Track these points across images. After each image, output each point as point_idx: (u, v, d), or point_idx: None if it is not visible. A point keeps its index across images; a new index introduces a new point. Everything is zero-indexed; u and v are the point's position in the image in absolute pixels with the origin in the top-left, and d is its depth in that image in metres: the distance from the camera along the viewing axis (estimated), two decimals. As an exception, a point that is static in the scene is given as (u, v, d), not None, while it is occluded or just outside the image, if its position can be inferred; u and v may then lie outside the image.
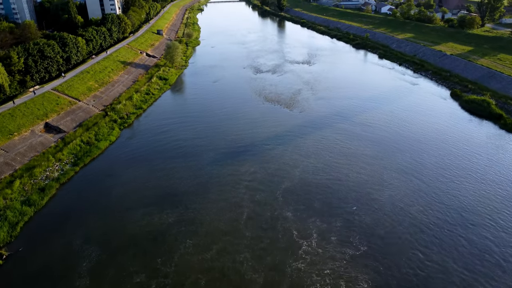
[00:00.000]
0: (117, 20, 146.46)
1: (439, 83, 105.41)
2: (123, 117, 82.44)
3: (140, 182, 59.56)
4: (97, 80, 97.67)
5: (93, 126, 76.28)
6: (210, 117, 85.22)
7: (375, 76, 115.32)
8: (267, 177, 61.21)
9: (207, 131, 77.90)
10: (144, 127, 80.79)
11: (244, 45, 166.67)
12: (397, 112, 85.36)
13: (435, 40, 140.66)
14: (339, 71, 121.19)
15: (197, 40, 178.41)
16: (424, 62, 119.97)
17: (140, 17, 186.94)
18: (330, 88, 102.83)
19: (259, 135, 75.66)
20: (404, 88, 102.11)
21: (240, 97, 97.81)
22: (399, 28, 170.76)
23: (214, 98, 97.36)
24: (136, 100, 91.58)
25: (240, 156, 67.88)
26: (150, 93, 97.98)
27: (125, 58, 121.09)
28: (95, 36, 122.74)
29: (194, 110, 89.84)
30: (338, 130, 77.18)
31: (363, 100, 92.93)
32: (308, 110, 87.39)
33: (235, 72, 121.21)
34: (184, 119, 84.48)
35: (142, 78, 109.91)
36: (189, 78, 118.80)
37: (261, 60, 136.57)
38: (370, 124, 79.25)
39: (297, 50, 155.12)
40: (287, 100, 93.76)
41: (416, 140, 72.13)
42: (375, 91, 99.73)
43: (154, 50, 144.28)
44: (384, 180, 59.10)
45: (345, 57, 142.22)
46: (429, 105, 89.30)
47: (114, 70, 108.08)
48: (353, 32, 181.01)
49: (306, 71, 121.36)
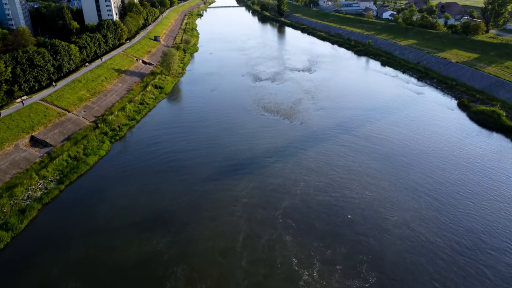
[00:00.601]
0: (113, 27, 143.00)
1: (445, 92, 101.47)
2: (114, 129, 78.43)
3: (130, 202, 55.47)
4: (89, 89, 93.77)
5: (82, 139, 72.26)
6: (206, 128, 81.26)
7: (378, 84, 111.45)
8: (266, 195, 57.26)
9: (203, 144, 73.94)
10: (137, 140, 76.75)
11: (243, 52, 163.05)
12: (402, 123, 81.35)
13: (439, 47, 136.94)
14: (341, 79, 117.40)
15: (195, 46, 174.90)
16: (429, 70, 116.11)
17: (138, 23, 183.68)
18: (331, 97, 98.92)
19: (258, 148, 71.70)
20: (409, 97, 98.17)
21: (238, 106, 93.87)
22: (401, 34, 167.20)
23: (211, 108, 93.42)
24: (129, 111, 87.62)
25: (237, 170, 63.90)
26: (144, 103, 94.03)
27: (120, 66, 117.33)
28: (89, 43, 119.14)
29: (190, 120, 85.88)
30: (341, 142, 73.17)
31: (367, 110, 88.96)
32: (309, 121, 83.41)
33: (234, 80, 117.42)
34: (179, 130, 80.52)
35: (137, 87, 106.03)
36: (186, 86, 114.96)
37: (261, 68, 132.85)
38: (374, 136, 75.20)
39: (297, 57, 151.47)
40: (287, 110, 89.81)
41: (425, 153, 68.08)
42: (378, 101, 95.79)
43: (150, 57, 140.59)
44: (392, 198, 55.00)
45: (346, 64, 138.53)
46: (435, 116, 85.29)
47: (107, 78, 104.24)
48: (355, 38, 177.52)
49: (306, 79, 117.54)
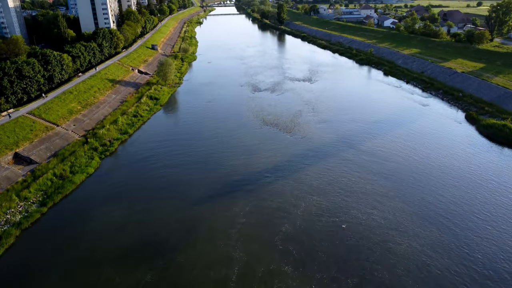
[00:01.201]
0: (109, 35, 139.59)
1: (452, 103, 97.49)
2: (105, 144, 74.36)
3: (116, 226, 51.26)
4: (80, 101, 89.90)
5: (70, 155, 68.16)
6: (202, 144, 77.22)
7: (382, 95, 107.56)
8: (265, 217, 53.18)
9: (198, 161, 69.83)
10: (128, 156, 72.64)
11: (242, 61, 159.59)
12: (408, 138, 77.28)
13: (443, 56, 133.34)
14: (343, 90, 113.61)
15: (193, 55, 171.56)
16: (433, 80, 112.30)
17: (135, 31, 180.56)
18: (333, 109, 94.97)
19: (256, 166, 67.58)
20: (414, 110, 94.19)
21: (236, 119, 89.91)
22: (404, 43, 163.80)
23: (207, 121, 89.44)
24: (121, 124, 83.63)
25: (234, 191, 59.73)
26: (138, 115, 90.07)
27: (114, 76, 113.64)
28: (83, 52, 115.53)
29: (185, 134, 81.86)
30: (344, 159, 69.04)
31: (370, 124, 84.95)
32: (310, 135, 79.35)
33: (232, 91, 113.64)
34: (173, 144, 76.48)
35: (131, 98, 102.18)
36: (182, 97, 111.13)
37: (260, 77, 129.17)
38: (379, 152, 71.09)
39: (298, 66, 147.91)
40: (287, 123, 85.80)
41: (434, 170, 63.98)
42: (382, 113, 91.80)
43: (147, 66, 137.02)
44: (402, 222, 50.76)
45: (348, 74, 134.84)
46: (443, 130, 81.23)
47: (101, 89, 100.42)
48: (356, 47, 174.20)
49: (307, 89, 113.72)
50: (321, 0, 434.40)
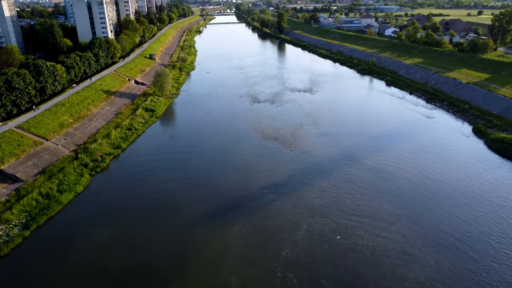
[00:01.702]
0: (106, 45, 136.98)
1: (458, 116, 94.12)
2: (96, 159, 70.87)
3: (103, 251, 47.67)
4: (72, 113, 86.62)
5: (58, 172, 64.68)
6: (198, 158, 73.83)
7: (385, 107, 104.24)
8: (263, 241, 49.68)
9: (193, 177, 66.35)
10: (119, 172, 69.11)
11: (242, 70, 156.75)
12: (415, 152, 73.81)
13: (447, 66, 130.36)
14: (344, 101, 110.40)
15: (192, 64, 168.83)
16: (438, 91, 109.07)
17: (133, 40, 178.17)
18: (335, 122, 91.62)
19: (255, 182, 64.12)
20: (419, 122, 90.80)
21: (235, 132, 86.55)
22: (406, 52, 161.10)
23: (204, 134, 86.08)
24: (114, 138, 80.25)
25: (231, 211, 56.17)
26: (132, 128, 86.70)
27: (110, 87, 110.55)
28: (78, 62, 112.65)
29: (181, 148, 78.44)
30: (348, 176, 65.52)
31: (374, 137, 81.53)
32: (311, 150, 75.88)
33: (231, 102, 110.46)
34: (167, 160, 73.02)
35: (126, 110, 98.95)
36: (179, 108, 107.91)
37: (259, 88, 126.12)
38: (385, 167, 67.57)
39: (298, 76, 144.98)
40: (287, 137, 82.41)
41: (444, 187, 60.53)
42: (386, 126, 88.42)
43: (144, 76, 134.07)
44: (411, 248, 47.06)
45: (349, 84, 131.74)
46: (450, 144, 77.77)
47: (94, 101, 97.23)
48: (357, 56, 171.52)
49: (307, 100, 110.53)
50: (321, 9, 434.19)
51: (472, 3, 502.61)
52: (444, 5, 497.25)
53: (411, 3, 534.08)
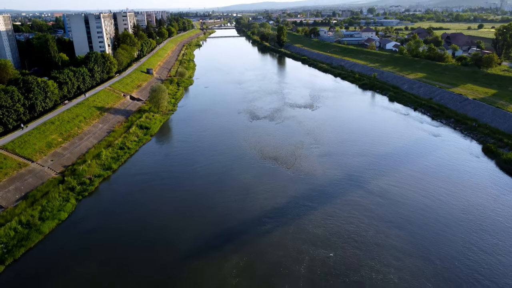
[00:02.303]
0: (101, 59, 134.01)
1: (465, 134, 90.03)
2: (84, 182, 66.61)
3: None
4: (62, 132, 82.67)
5: (42, 197, 60.37)
6: (193, 180, 69.60)
7: (389, 124, 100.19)
8: (262, 277, 45.38)
9: (187, 202, 62.11)
10: (108, 196, 64.75)
11: (241, 85, 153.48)
12: (423, 173, 69.51)
13: (451, 81, 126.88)
14: (346, 118, 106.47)
15: (190, 79, 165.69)
16: (443, 108, 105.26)
17: (131, 54, 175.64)
18: (337, 140, 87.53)
19: (253, 208, 59.75)
20: (426, 141, 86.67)
21: (232, 151, 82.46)
22: (408, 67, 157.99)
23: (201, 153, 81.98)
24: (105, 158, 76.10)
25: (226, 242, 51.72)
26: (125, 148, 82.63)
27: (104, 103, 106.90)
28: (72, 78, 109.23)
29: (175, 170, 74.22)
30: (352, 200, 61.18)
31: (379, 158, 77.34)
32: (312, 172, 71.61)
33: (229, 119, 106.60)
34: (160, 182, 68.77)
35: (120, 127, 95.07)
36: (175, 126, 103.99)
37: (258, 103, 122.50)
38: (391, 191, 63.21)
39: (298, 91, 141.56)
40: (287, 157, 78.29)
41: (457, 213, 56.21)
42: (391, 145, 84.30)
43: (140, 92, 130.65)
44: (427, 284, 42.35)
45: (351, 100, 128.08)
46: (460, 165, 73.53)
47: (86, 118, 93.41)
48: (358, 71, 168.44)
49: (308, 117, 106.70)
50: (321, 23, 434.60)
51: (471, 17, 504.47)
52: (444, 18, 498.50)
53: (411, 16, 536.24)
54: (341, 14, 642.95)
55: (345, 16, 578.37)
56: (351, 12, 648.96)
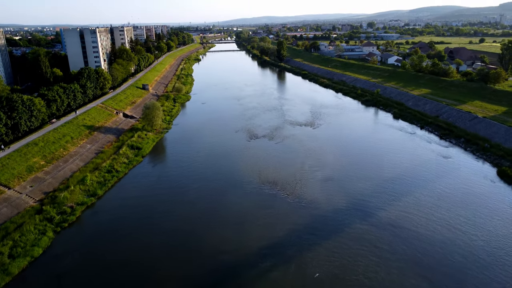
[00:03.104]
0: (95, 75, 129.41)
1: (477, 155, 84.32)
2: (64, 211, 60.80)
3: None
4: (46, 154, 77.16)
5: (15, 230, 54.48)
6: (184, 208, 63.80)
7: (395, 144, 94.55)
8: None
9: (177, 233, 56.45)
10: (89, 228, 58.80)
11: (239, 101, 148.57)
12: (436, 200, 63.63)
13: (458, 98, 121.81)
14: (350, 137, 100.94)
15: (187, 95, 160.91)
16: (452, 126, 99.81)
17: (127, 69, 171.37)
18: (340, 163, 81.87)
19: (249, 242, 53.95)
20: (436, 163, 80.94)
21: (228, 175, 76.80)
22: (412, 82, 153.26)
23: (194, 177, 76.28)
24: (90, 183, 70.39)
25: (219, 284, 45.62)
26: (113, 171, 77.01)
27: (94, 121, 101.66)
28: (61, 95, 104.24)
29: (165, 196, 68.39)
30: (359, 232, 55.27)
31: (386, 182, 71.56)
32: (314, 199, 65.76)
33: (226, 138, 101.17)
34: (148, 211, 62.96)
35: (109, 148, 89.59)
36: (169, 145, 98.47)
37: (257, 121, 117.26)
38: (403, 222, 57.26)
39: (298, 107, 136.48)
40: (287, 181, 72.55)
41: (484, 247, 50.57)
42: (399, 168, 78.57)
43: (134, 109, 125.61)
44: None
45: (354, 117, 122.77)
46: (475, 190, 67.69)
47: (74, 138, 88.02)
48: (360, 86, 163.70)
49: (309, 136, 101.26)
50: (321, 37, 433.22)
51: (471, 31, 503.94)
52: (444, 33, 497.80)
53: (411, 31, 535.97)
54: (341, 28, 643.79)
55: (345, 30, 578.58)
56: (351, 26, 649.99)
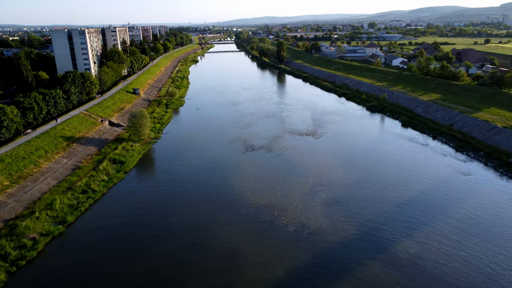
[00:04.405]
0: (80, 79, 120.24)
1: (501, 172, 74.94)
2: (24, 245, 51.58)
3: None
4: (12, 173, 67.90)
5: (-42, 272, 45.24)
6: (165, 241, 54.56)
7: (406, 158, 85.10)
8: None
9: (155, 273, 46.96)
10: (51, 267, 49.49)
11: (236, 107, 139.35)
12: (462, 231, 54.29)
13: (472, 104, 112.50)
14: (356, 149, 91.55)
15: (181, 99, 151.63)
16: (468, 137, 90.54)
17: (118, 72, 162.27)
18: (346, 181, 72.55)
19: (240, 285, 44.61)
20: (455, 182, 71.58)
21: (220, 197, 67.55)
22: (420, 86, 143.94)
23: (179, 199, 67.09)
24: (60, 207, 61.17)
25: None
26: (89, 191, 67.78)
27: (74, 132, 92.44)
28: (40, 102, 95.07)
29: (145, 225, 59.09)
30: (372, 273, 46.16)
31: (401, 206, 62.27)
32: (318, 228, 56.48)
33: (219, 149, 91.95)
34: (124, 241, 53.88)
35: (89, 162, 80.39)
36: (156, 158, 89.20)
37: (254, 129, 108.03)
38: (427, 258, 48.01)
39: (299, 113, 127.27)
40: (286, 205, 63.33)
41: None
42: (414, 188, 69.20)
43: (121, 116, 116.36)
44: None
45: (359, 125, 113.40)
46: (506, 216, 58.34)
47: (49, 152, 78.82)
48: (365, 90, 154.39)
49: (311, 147, 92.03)
50: (322, 38, 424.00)
51: (475, 31, 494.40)
52: (447, 33, 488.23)
53: (413, 31, 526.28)
54: (342, 28, 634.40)
55: (346, 31, 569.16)
56: (352, 27, 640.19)
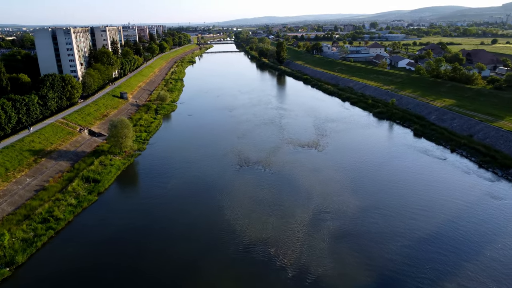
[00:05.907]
0: (60, 83, 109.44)
1: (538, 195, 64.16)
2: (-47, 299, 40.72)
3: None
4: (-42, 198, 57.08)
5: None
6: (144, 283, 43.72)
7: (424, 177, 73.82)
8: None
9: None
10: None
11: (232, 112, 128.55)
12: (505, 283, 43.41)
13: (492, 111, 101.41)
14: (364, 165, 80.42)
15: (172, 104, 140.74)
16: (492, 151, 79.58)
17: (108, 74, 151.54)
18: (356, 208, 61.53)
19: None
20: (486, 209, 60.45)
21: (206, 230, 56.66)
22: (431, 91, 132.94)
23: (159, 230, 56.25)
24: (9, 244, 50.31)
25: None
26: (51, 219, 56.93)
27: (45, 144, 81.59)
28: (8, 110, 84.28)
29: (114, 266, 48.25)
30: None
31: (425, 242, 51.31)
32: (325, 273, 45.58)
33: (210, 164, 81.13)
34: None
35: (57, 182, 69.52)
36: (137, 175, 78.41)
37: (251, 139, 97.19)
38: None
39: (300, 120, 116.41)
40: (285, 240, 52.50)
41: None
42: (438, 216, 58.12)
43: (104, 124, 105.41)
44: None
45: (366, 135, 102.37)
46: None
47: (10, 170, 67.94)
48: (371, 94, 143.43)
49: (313, 163, 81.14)
50: (323, 38, 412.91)
51: (479, 31, 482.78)
52: (451, 33, 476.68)
53: (416, 31, 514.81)
54: (343, 28, 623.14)
55: (347, 31, 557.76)
56: (353, 27, 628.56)
